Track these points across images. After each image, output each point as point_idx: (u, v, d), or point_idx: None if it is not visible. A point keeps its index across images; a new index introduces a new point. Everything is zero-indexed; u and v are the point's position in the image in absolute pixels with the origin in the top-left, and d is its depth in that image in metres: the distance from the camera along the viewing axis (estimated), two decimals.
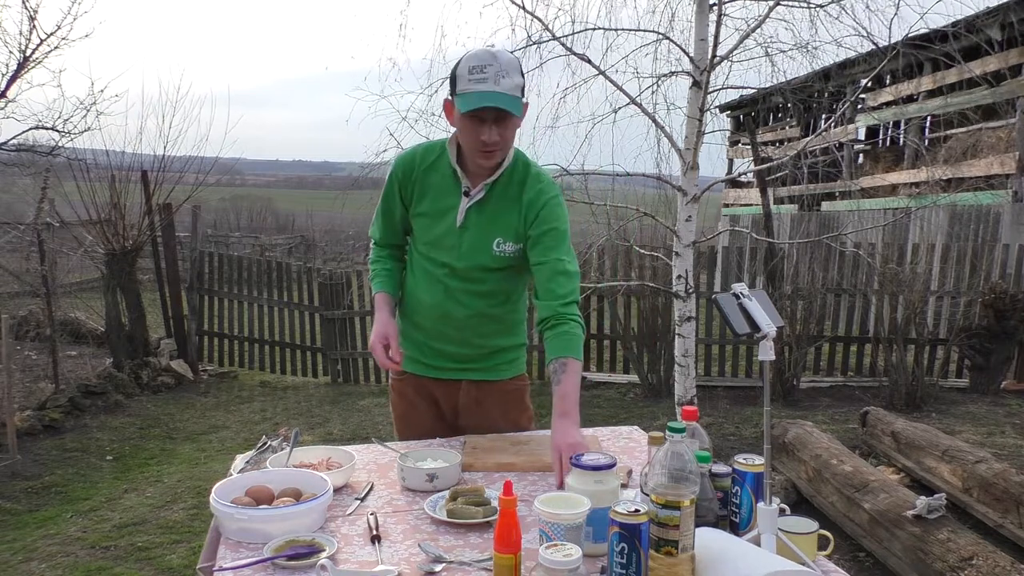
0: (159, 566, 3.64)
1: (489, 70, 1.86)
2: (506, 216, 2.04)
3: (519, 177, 2.05)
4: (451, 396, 2.21)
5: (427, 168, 2.07)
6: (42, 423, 6.12)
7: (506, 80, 1.87)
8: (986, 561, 2.84)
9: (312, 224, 26.52)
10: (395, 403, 2.32)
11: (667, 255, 5.08)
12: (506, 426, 2.19)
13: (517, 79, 1.90)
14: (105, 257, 7.73)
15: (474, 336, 2.13)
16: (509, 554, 1.27)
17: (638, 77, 4.85)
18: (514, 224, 2.04)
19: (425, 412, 2.24)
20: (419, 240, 2.13)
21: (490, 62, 1.86)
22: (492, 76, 1.86)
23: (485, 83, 1.86)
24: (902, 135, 11.99)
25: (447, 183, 2.05)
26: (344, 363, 8.49)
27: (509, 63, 1.89)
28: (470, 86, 1.87)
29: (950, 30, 4.48)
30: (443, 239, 2.06)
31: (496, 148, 1.94)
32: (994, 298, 6.57)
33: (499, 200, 2.04)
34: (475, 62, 1.87)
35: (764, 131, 13.58)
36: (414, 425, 2.25)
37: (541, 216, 2.02)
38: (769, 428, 1.47)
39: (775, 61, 4.72)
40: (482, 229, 2.04)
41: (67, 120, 6.79)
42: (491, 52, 1.89)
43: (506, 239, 2.04)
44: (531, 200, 2.03)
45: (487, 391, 2.18)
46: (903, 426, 4.61)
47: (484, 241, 2.04)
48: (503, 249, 2.05)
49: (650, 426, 2.18)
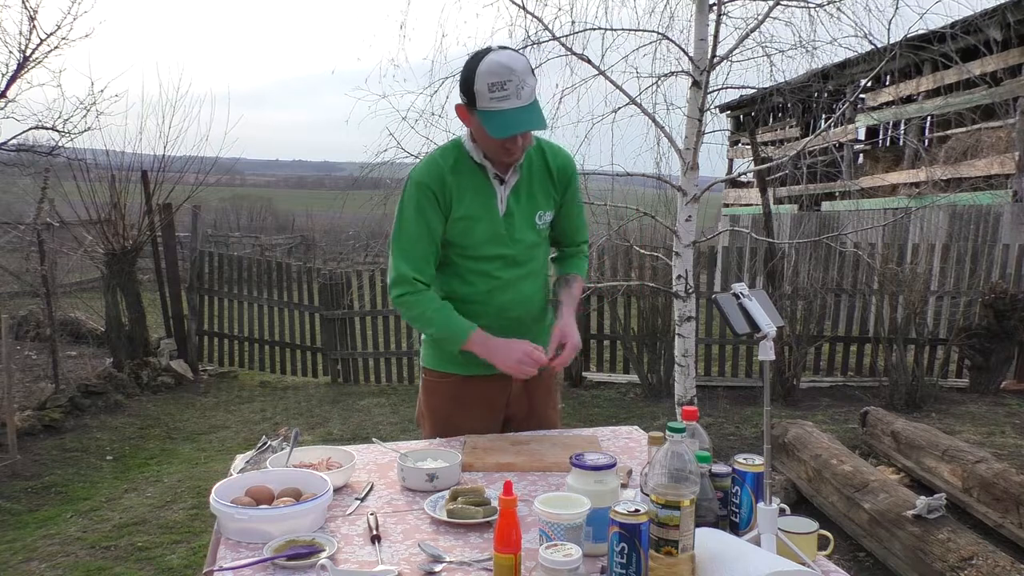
0: (159, 566, 3.64)
1: (509, 86, 1.88)
2: (541, 187, 2.14)
3: (537, 151, 2.14)
4: (502, 390, 2.22)
5: (452, 172, 2.07)
6: (42, 423, 6.12)
7: (526, 90, 1.90)
8: (986, 561, 2.84)
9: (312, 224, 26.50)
10: (435, 404, 2.27)
11: (667, 255, 5.08)
12: (551, 412, 2.30)
13: (532, 81, 1.93)
14: (105, 257, 7.73)
15: (524, 323, 2.18)
16: (509, 554, 1.27)
17: (638, 77, 4.84)
18: (550, 192, 2.16)
19: (472, 411, 2.21)
20: (462, 245, 2.10)
21: (508, 77, 1.87)
22: (514, 91, 1.88)
23: (509, 100, 1.89)
24: (902, 135, 11.99)
25: (477, 180, 2.08)
26: (344, 363, 8.48)
27: (523, 69, 1.91)
28: (493, 104, 1.89)
29: (949, 31, 4.47)
30: (492, 233, 2.09)
31: (520, 152, 2.02)
32: (994, 298, 6.57)
33: (530, 176, 2.12)
34: (494, 78, 1.88)
35: (764, 131, 13.57)
36: (457, 425, 2.19)
37: (572, 181, 2.20)
38: (769, 428, 1.47)
39: (775, 61, 4.71)
40: (524, 208, 2.12)
41: (67, 120, 6.80)
42: (505, 65, 1.88)
43: (546, 210, 2.16)
44: (561, 167, 2.16)
45: (535, 379, 2.19)
46: (903, 426, 4.61)
47: (529, 218, 2.13)
48: (544, 220, 2.16)
49: (650, 426, 2.19)
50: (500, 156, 2.02)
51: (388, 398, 7.42)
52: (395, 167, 4.95)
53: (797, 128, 12.11)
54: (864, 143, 13.05)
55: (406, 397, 7.39)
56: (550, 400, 2.33)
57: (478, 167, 2.07)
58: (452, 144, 2.11)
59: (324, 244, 22.97)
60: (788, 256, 7.24)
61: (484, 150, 2.04)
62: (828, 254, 7.45)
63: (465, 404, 2.21)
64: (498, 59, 1.89)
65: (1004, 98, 8.85)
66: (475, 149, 2.06)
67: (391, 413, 6.74)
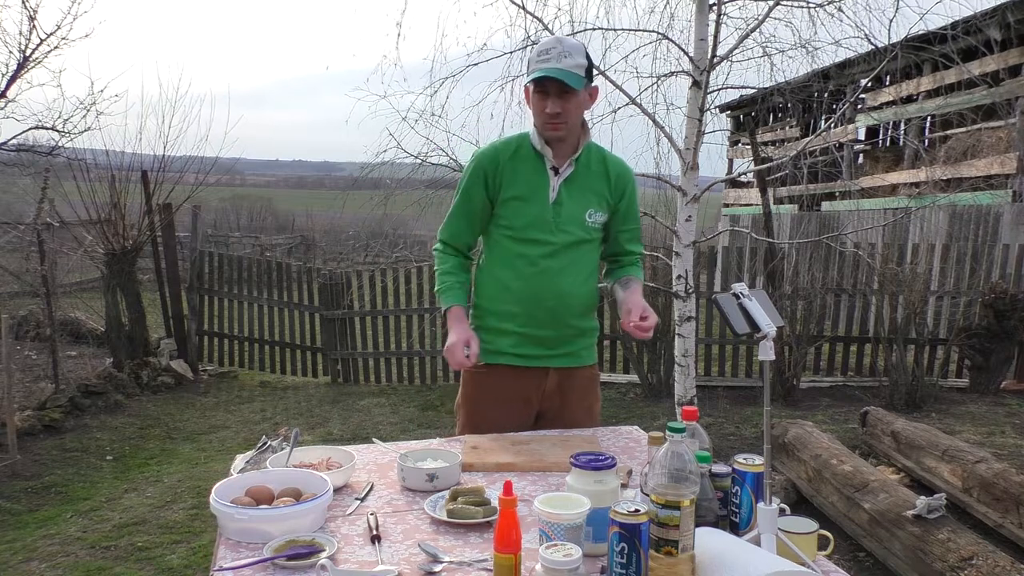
0: (159, 566, 3.64)
1: (553, 51, 2.09)
2: (596, 187, 2.24)
3: (598, 155, 2.28)
4: (537, 385, 2.27)
5: (511, 157, 2.22)
6: (42, 423, 6.12)
7: (568, 59, 2.08)
8: (986, 561, 2.84)
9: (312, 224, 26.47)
10: (471, 395, 2.33)
11: (667, 255, 5.08)
12: (582, 413, 2.31)
13: (580, 60, 2.10)
14: (105, 257, 7.73)
15: (561, 317, 2.23)
16: (509, 554, 1.27)
17: (638, 77, 4.84)
18: (605, 194, 2.25)
19: (505, 405, 2.27)
20: (510, 226, 2.22)
21: (555, 45, 2.10)
22: (556, 56, 2.08)
23: (549, 62, 2.08)
24: (902, 135, 11.99)
25: (534, 166, 2.21)
26: (344, 363, 8.48)
27: (573, 46, 2.11)
28: (538, 66, 2.10)
29: (949, 31, 4.47)
30: (538, 217, 2.19)
31: (560, 121, 2.12)
32: (994, 298, 6.57)
33: (586, 173, 2.23)
34: (543, 47, 2.11)
35: (764, 131, 13.57)
36: (489, 418, 2.25)
37: (628, 191, 2.30)
38: (769, 428, 1.47)
39: (775, 61, 4.72)
40: (575, 201, 2.21)
41: (67, 120, 6.79)
42: (557, 38, 2.15)
43: (597, 210, 2.24)
44: (620, 174, 2.29)
45: (569, 378, 2.29)
46: (903, 426, 4.61)
47: (578, 212, 2.21)
48: (595, 219, 2.24)
49: (650, 426, 2.19)
50: (544, 127, 2.15)
51: (388, 398, 7.42)
52: (395, 167, 4.96)
53: (797, 128, 12.11)
54: (864, 143, 13.04)
55: (406, 397, 7.39)
56: (584, 400, 2.35)
57: (537, 155, 2.21)
58: (519, 134, 2.27)
59: (324, 244, 22.96)
60: (788, 256, 7.24)
61: (535, 122, 2.18)
62: (828, 254, 7.45)
63: (497, 396, 2.26)
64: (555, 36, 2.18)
65: (1004, 98, 8.85)
66: (536, 137, 2.20)
67: (391, 413, 6.74)
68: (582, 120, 2.21)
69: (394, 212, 5.40)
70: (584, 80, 2.11)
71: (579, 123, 2.20)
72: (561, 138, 2.17)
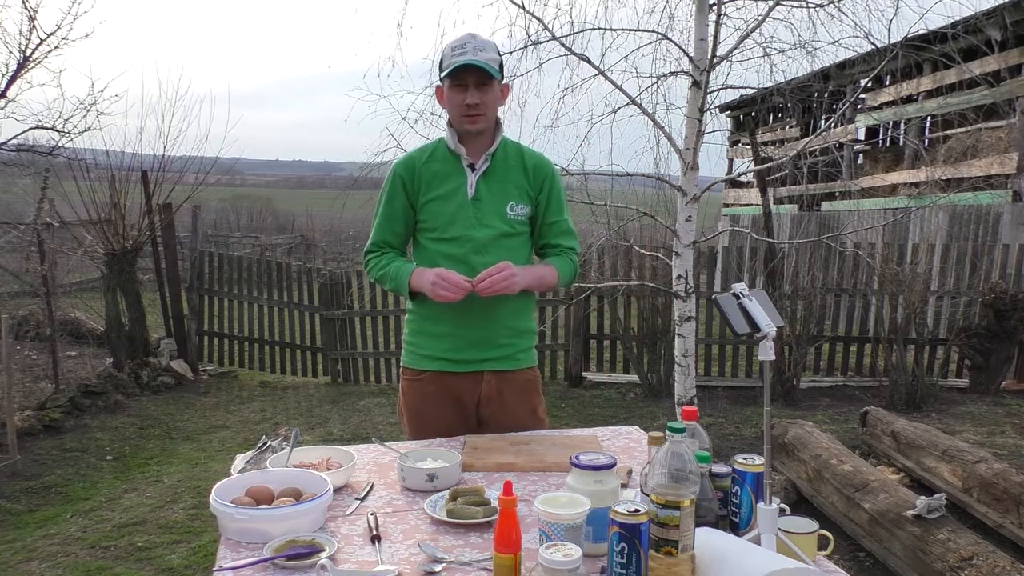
0: (159, 566, 3.64)
1: (468, 46, 2.13)
2: (514, 180, 2.25)
3: (515, 149, 2.30)
4: (473, 389, 2.26)
5: (427, 161, 2.25)
6: (42, 423, 6.12)
7: (484, 53, 2.13)
8: (986, 561, 2.84)
9: (312, 224, 26.48)
10: (411, 403, 2.32)
11: (667, 255, 5.08)
12: (525, 415, 2.29)
13: (493, 55, 2.16)
14: (105, 257, 7.73)
15: (494, 314, 2.22)
16: (509, 554, 1.27)
17: (637, 77, 4.84)
18: (524, 186, 2.26)
19: (445, 409, 2.26)
20: (432, 227, 2.24)
21: (469, 40, 2.15)
22: (471, 50, 2.13)
23: (465, 55, 2.12)
24: (902, 135, 11.99)
25: (450, 167, 2.24)
26: (344, 363, 8.48)
27: (486, 42, 2.16)
28: (452, 59, 2.13)
29: (949, 31, 4.47)
30: (458, 215, 2.20)
31: (479, 112, 2.15)
32: (994, 298, 6.57)
33: (503, 168, 2.25)
34: (456, 43, 2.15)
35: (764, 131, 13.57)
36: (430, 424, 2.25)
37: (547, 182, 2.28)
38: (769, 428, 1.47)
39: (775, 61, 4.71)
40: (494, 195, 2.23)
41: (67, 120, 6.79)
42: (471, 33, 2.17)
43: (518, 202, 2.25)
44: (537, 166, 2.28)
45: (507, 381, 2.27)
46: (903, 426, 4.61)
47: (498, 206, 2.22)
48: (516, 212, 2.24)
49: (650, 426, 2.19)
50: (463, 121, 2.17)
51: (388, 398, 7.41)
52: None
53: (797, 128, 12.11)
54: (864, 143, 13.05)
55: None
56: (526, 403, 2.31)
57: (452, 155, 2.24)
58: (433, 141, 2.31)
59: (324, 244, 22.95)
60: (788, 256, 7.24)
61: (451, 117, 2.22)
62: (828, 254, 7.45)
63: (436, 402, 2.26)
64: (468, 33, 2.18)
65: (1004, 98, 8.85)
66: (451, 136, 2.23)
67: (391, 413, 6.74)
68: (496, 117, 2.25)
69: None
70: (499, 73, 2.17)
71: (494, 117, 2.23)
72: (480, 131, 2.19)
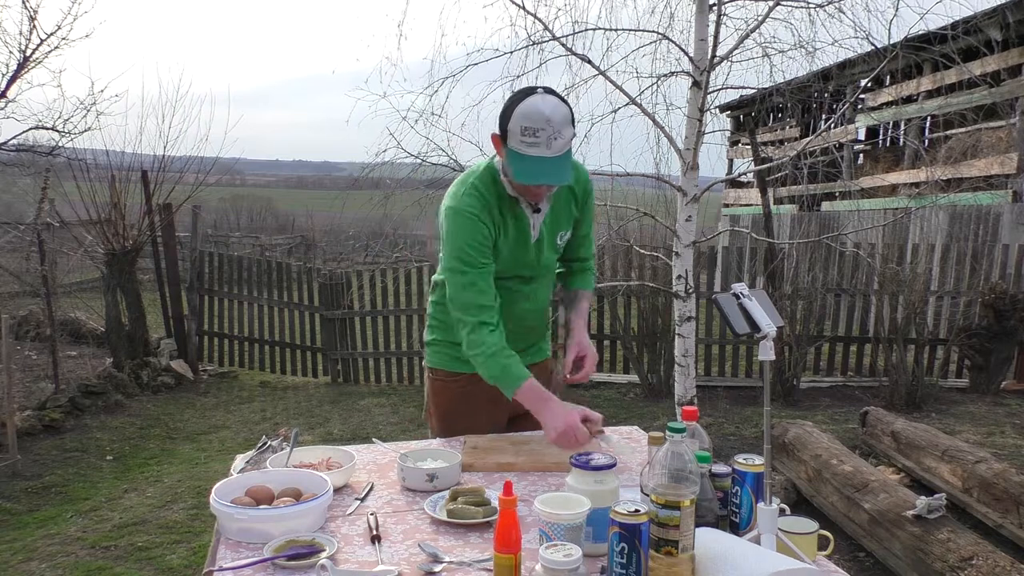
0: (159, 566, 3.64)
1: (542, 135, 1.88)
2: (565, 208, 2.18)
3: None
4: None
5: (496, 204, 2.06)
6: (42, 423, 6.12)
7: (558, 141, 1.89)
8: (986, 561, 2.84)
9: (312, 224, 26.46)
10: (442, 403, 2.30)
11: (667, 255, 5.08)
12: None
13: (568, 133, 1.91)
14: (105, 257, 7.73)
15: (525, 322, 2.23)
16: (509, 554, 1.27)
17: (638, 77, 4.84)
18: (572, 212, 2.20)
19: (479, 410, 2.24)
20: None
21: (542, 126, 1.87)
22: (545, 140, 1.88)
23: (538, 147, 1.89)
24: (902, 135, 11.99)
25: (516, 209, 2.09)
26: (344, 363, 8.48)
27: (561, 120, 1.89)
28: (522, 148, 1.90)
29: (949, 32, 4.47)
30: (522, 257, 2.14)
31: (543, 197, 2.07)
32: (994, 298, 6.57)
33: (556, 197, 2.15)
34: (527, 123, 1.88)
35: (764, 131, 13.57)
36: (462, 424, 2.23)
37: (589, 198, 2.24)
38: (769, 428, 1.47)
39: (775, 61, 4.72)
40: (550, 231, 2.16)
41: (67, 120, 6.80)
42: (544, 114, 1.88)
43: (566, 230, 2.21)
44: (584, 190, 2.21)
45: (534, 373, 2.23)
46: (903, 426, 4.61)
47: (552, 239, 2.18)
48: (564, 239, 2.22)
49: (650, 426, 2.19)
50: (524, 195, 2.06)
51: (388, 398, 7.42)
52: (395, 167, 4.95)
53: (797, 128, 12.11)
54: (864, 143, 13.05)
55: (406, 397, 7.39)
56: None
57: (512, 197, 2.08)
58: (488, 173, 2.07)
59: (324, 244, 22.94)
60: (788, 256, 7.24)
61: (512, 185, 2.04)
62: (828, 254, 7.45)
63: (472, 403, 2.24)
64: (538, 105, 1.88)
65: (1004, 98, 8.85)
66: (508, 185, 2.06)
67: (391, 413, 6.74)
68: None
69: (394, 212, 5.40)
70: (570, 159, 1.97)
71: None
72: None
